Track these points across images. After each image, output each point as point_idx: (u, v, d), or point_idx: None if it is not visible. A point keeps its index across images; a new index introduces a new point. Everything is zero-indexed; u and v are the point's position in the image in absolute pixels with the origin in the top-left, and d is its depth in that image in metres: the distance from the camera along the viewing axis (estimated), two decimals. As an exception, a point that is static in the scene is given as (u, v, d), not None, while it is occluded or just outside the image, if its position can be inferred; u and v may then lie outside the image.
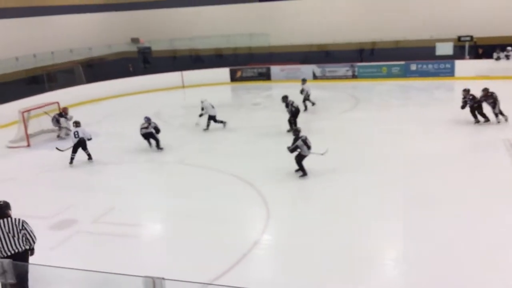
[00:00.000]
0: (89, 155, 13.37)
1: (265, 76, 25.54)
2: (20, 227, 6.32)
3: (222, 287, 6.05)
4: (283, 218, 9.34)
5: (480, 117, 14.63)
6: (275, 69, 25.51)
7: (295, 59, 25.64)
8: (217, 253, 8.01)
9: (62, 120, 16.28)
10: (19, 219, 6.40)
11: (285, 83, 24.64)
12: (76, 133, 13.06)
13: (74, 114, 16.44)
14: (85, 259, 8.09)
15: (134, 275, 4.30)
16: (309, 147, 11.13)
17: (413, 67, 23.27)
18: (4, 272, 4.73)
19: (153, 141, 14.23)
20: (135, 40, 28.85)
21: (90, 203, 10.47)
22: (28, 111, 16.07)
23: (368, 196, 9.92)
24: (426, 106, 18.13)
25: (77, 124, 13.31)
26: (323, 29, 25.45)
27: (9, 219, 6.33)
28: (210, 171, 12.06)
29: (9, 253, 6.15)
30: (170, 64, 25.70)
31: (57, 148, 13.70)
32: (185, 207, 10.07)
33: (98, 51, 26.51)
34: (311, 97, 18.29)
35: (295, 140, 11.09)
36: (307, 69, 24.67)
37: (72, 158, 13.13)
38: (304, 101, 18.02)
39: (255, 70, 25.72)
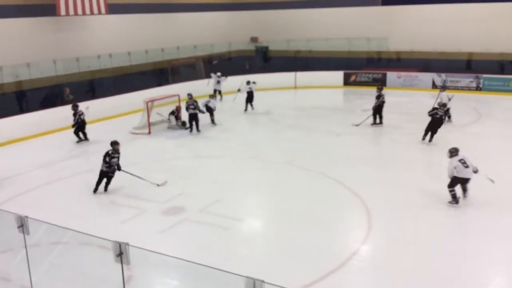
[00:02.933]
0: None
1: (380, 82, 24.79)
2: None
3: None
4: (385, 230, 9.05)
5: None
6: (391, 75, 24.66)
7: (413, 66, 24.55)
8: (315, 258, 8.03)
9: (171, 117, 17.44)
10: None
11: (401, 91, 23.76)
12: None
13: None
14: (189, 247, 8.59)
15: (235, 274, 4.47)
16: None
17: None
18: (121, 254, 5.19)
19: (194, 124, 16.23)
20: (254, 39, 29.72)
21: (199, 193, 11.05)
22: (152, 101, 17.37)
23: (491, 215, 9.23)
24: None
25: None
26: (446, 37, 23.97)
27: None
28: (316, 175, 12.07)
29: None
30: (285, 64, 26.07)
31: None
32: (288, 208, 10.20)
33: (219, 48, 27.79)
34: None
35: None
36: (426, 77, 23.50)
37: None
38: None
39: (370, 75, 25.11)
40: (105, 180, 11.17)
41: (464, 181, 9.85)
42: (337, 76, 25.39)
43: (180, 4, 25.95)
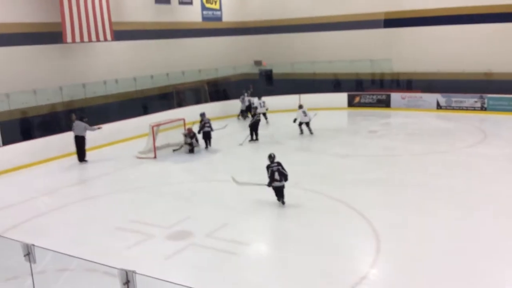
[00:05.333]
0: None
1: (385, 103, 24.88)
2: None
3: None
4: (393, 254, 8.92)
5: None
6: (395, 96, 24.74)
7: (417, 87, 24.63)
8: (323, 283, 7.91)
9: (184, 139, 17.50)
10: None
11: (406, 111, 23.78)
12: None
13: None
14: (196, 273, 8.49)
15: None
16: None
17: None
18: (128, 282, 5.13)
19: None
20: (257, 63, 30.01)
21: (206, 217, 10.98)
22: (158, 125, 17.45)
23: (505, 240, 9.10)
24: None
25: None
26: (450, 57, 24.11)
27: None
28: (323, 197, 12.00)
29: None
30: (289, 87, 26.24)
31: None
32: (295, 231, 10.12)
33: (223, 72, 28.08)
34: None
35: None
36: (430, 98, 23.56)
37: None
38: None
39: (374, 97, 25.18)
40: None
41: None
42: (341, 97, 25.50)
43: (185, 30, 26.31)
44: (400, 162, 15.12)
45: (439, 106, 23.41)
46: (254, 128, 18.67)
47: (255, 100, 22.29)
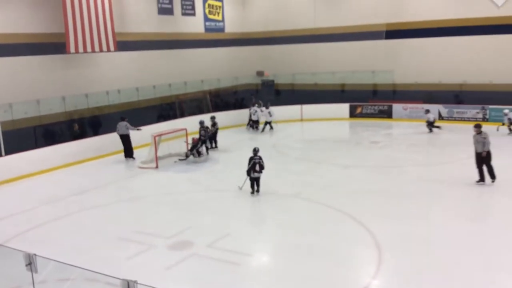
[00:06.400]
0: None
1: (386, 114, 24.93)
2: None
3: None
4: (395, 265, 8.88)
5: None
6: (397, 107, 24.80)
7: (419, 98, 24.68)
8: (325, 293, 7.88)
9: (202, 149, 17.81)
10: None
11: (407, 122, 23.81)
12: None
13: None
14: (197, 283, 8.46)
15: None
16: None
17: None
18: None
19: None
20: (260, 73, 30.13)
21: (207, 227, 10.97)
22: (160, 135, 17.49)
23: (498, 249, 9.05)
24: None
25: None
26: (451, 68, 24.20)
27: None
28: (324, 208, 11.98)
29: None
30: (290, 97, 26.32)
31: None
32: (297, 242, 10.09)
33: (225, 82, 28.22)
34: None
35: None
36: (432, 109, 23.55)
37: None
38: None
39: (376, 107, 25.24)
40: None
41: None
42: (343, 108, 25.56)
43: (187, 41, 26.48)
44: (402, 172, 15.10)
45: (441, 117, 23.43)
46: (213, 137, 19.41)
47: (262, 110, 22.94)
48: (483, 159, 13.06)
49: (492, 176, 13.11)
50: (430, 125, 21.16)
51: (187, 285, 8.39)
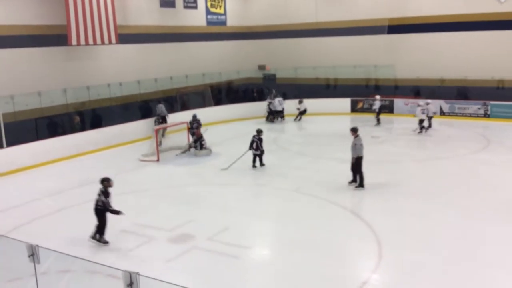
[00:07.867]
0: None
1: (388, 109, 24.89)
2: None
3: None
4: (395, 259, 8.92)
5: None
6: (398, 102, 24.76)
7: (421, 93, 24.63)
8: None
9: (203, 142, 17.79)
10: None
11: (408, 117, 23.77)
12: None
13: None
14: (198, 275, 8.53)
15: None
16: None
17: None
18: (131, 284, 5.16)
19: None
20: (261, 67, 30.10)
21: (208, 220, 11.02)
22: (161, 128, 17.50)
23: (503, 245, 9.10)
24: None
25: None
26: (453, 63, 24.15)
27: None
28: (324, 202, 12.01)
29: None
30: (292, 92, 26.28)
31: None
32: (297, 236, 10.13)
33: (227, 76, 28.21)
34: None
35: None
36: (434, 104, 23.52)
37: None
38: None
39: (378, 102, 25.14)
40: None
41: None
42: (344, 103, 25.54)
43: (189, 34, 26.43)
44: (402, 168, 15.12)
45: (442, 113, 23.41)
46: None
47: (276, 100, 23.62)
48: (354, 165, 12.75)
49: (361, 184, 12.76)
50: (421, 123, 19.96)
51: (188, 277, 8.44)
